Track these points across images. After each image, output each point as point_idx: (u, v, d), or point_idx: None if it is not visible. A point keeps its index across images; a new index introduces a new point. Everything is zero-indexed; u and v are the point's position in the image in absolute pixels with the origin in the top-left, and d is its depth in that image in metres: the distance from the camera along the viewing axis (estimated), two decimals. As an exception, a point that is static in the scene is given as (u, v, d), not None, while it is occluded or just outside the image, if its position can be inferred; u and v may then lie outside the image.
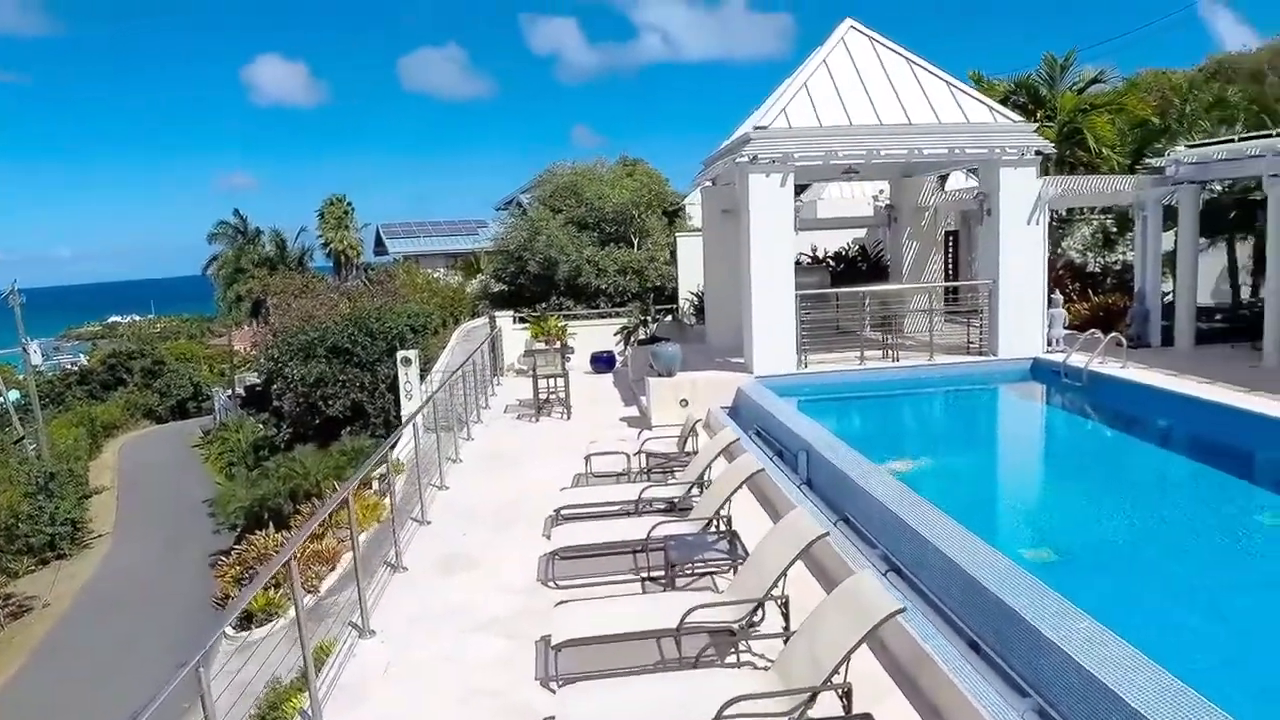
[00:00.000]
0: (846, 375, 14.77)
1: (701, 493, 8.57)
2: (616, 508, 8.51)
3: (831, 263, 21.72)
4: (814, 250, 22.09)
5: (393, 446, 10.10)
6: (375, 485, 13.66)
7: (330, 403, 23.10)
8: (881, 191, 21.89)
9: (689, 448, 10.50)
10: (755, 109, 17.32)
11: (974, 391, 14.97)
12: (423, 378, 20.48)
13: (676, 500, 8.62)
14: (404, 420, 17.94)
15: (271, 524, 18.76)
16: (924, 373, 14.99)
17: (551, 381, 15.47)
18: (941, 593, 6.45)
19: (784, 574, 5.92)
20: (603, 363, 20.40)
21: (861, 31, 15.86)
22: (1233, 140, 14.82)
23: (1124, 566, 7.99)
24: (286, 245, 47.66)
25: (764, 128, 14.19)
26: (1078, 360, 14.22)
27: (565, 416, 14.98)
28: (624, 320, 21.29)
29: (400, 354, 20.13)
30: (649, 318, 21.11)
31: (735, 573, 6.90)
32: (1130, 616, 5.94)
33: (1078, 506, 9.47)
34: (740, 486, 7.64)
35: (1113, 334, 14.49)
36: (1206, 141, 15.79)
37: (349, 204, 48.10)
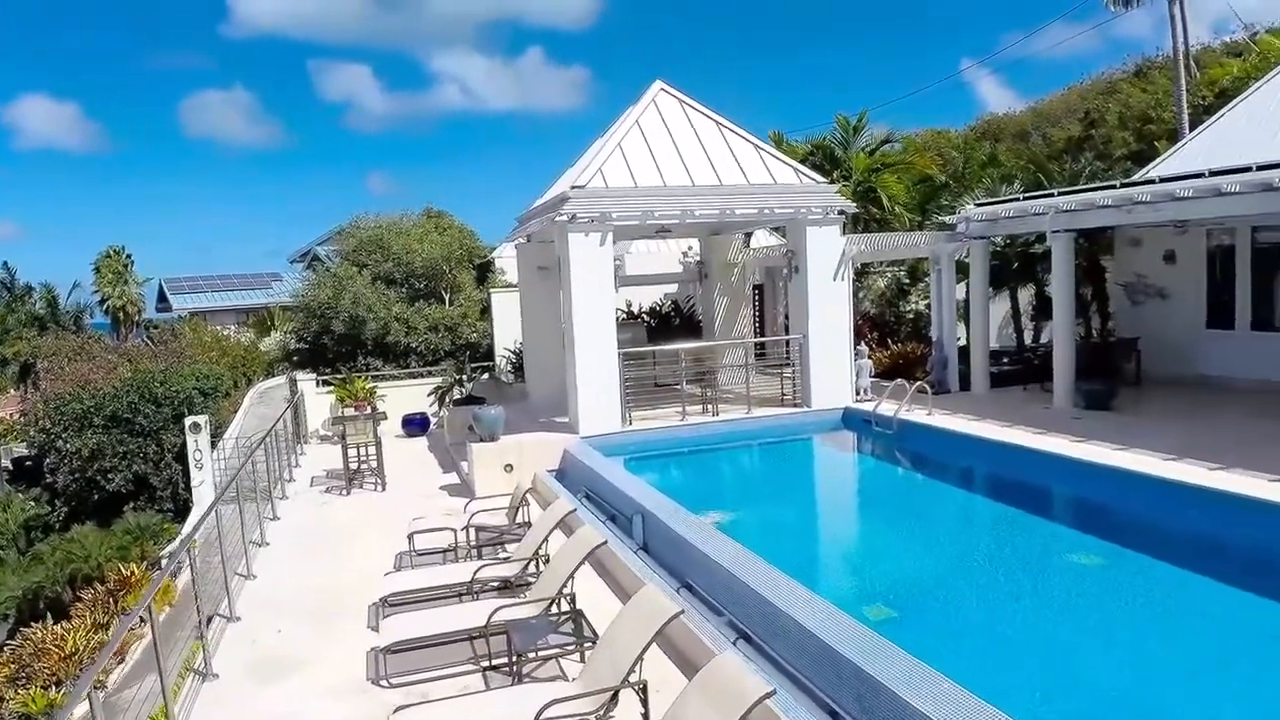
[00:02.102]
0: (670, 431, 14.75)
1: (539, 569, 8.15)
2: (448, 591, 7.95)
3: (646, 318, 21.88)
4: (628, 306, 22.22)
5: (194, 529, 9.08)
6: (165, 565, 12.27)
7: (111, 476, 20.88)
8: (691, 248, 22.33)
9: (521, 519, 10.04)
10: (569, 167, 17.31)
11: (792, 442, 15.30)
12: (214, 445, 18.94)
13: (513, 579, 8.15)
14: (198, 496, 16.50)
15: (49, 615, 16.67)
16: (744, 425, 15.20)
17: (363, 449, 14.57)
18: (796, 661, 6.31)
19: (640, 658, 5.61)
20: (416, 425, 19.56)
21: (671, 93, 16.16)
22: (1017, 199, 16.02)
23: (953, 612, 8.17)
24: (59, 302, 43.50)
25: (581, 187, 14.09)
26: (886, 408, 14.81)
27: (380, 488, 14.12)
28: (438, 380, 20.59)
29: (189, 420, 18.54)
30: (464, 376, 20.50)
31: (584, 658, 6.53)
32: (963, 662, 6.03)
33: (909, 557, 9.69)
34: (582, 563, 7.29)
35: (918, 382, 15.22)
36: (994, 200, 16.99)
37: (128, 256, 44.59)
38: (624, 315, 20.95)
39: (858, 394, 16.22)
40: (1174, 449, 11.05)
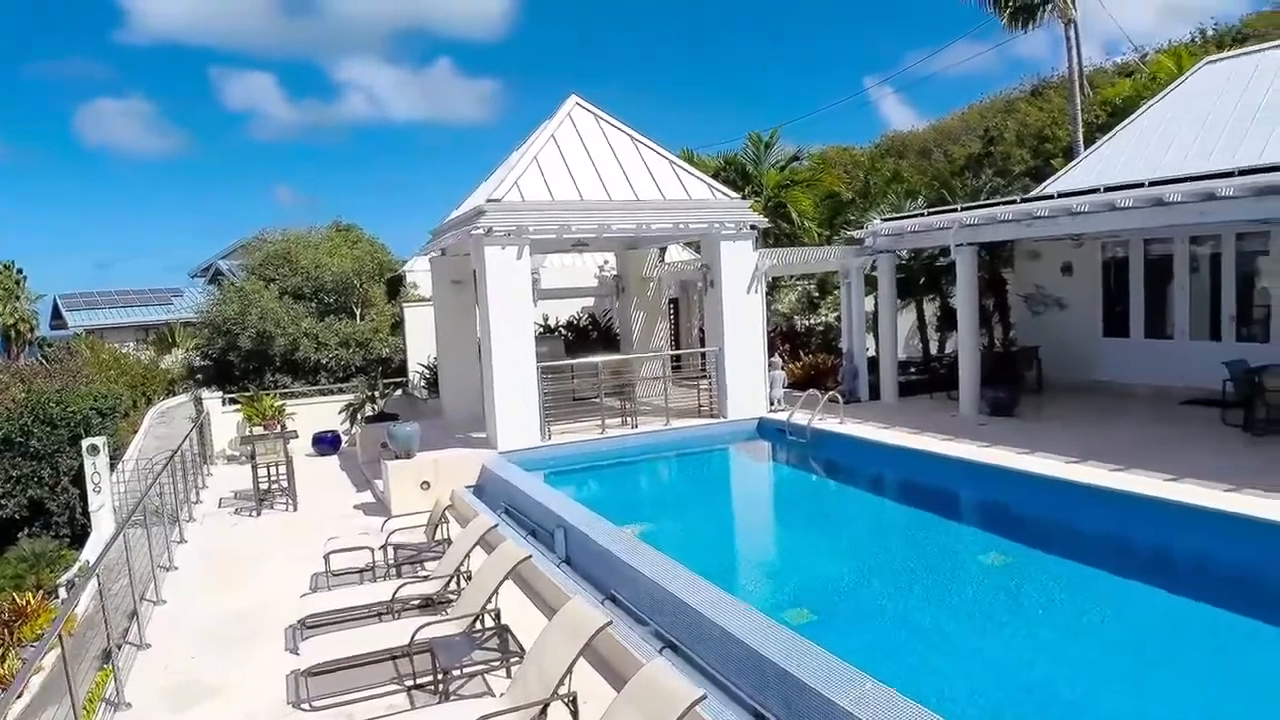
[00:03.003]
0: (590, 445, 14.76)
1: (461, 587, 8.07)
2: (368, 611, 7.81)
3: (564, 332, 21.87)
4: (545, 320, 22.18)
5: (101, 554, 8.69)
6: (63, 594, 11.73)
7: (3, 502, 19.91)
8: (607, 262, 22.41)
9: (440, 536, 9.92)
10: (484, 180, 17.23)
11: (710, 452, 15.50)
12: (113, 468, 18.19)
13: (434, 597, 8.04)
14: (97, 521, 15.81)
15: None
16: (663, 437, 15.31)
17: (273, 469, 14.19)
18: (722, 667, 6.38)
19: (569, 670, 5.60)
20: (327, 443, 19.13)
21: (586, 108, 16.23)
22: (922, 214, 16.51)
23: (871, 613, 8.35)
24: (-56, 322, 41.26)
25: (497, 200, 14.03)
26: (800, 418, 15.09)
27: (292, 508, 13.76)
28: (349, 397, 20.20)
29: (86, 442, 17.78)
30: (377, 393, 20.16)
31: (510, 673, 6.48)
32: (883, 660, 6.19)
33: (827, 561, 9.88)
34: (506, 578, 7.24)
35: (830, 392, 15.56)
36: (901, 215, 17.50)
37: (20, 272, 42.56)
38: (541, 329, 20.90)
39: (772, 404, 16.49)
40: (1076, 452, 11.54)
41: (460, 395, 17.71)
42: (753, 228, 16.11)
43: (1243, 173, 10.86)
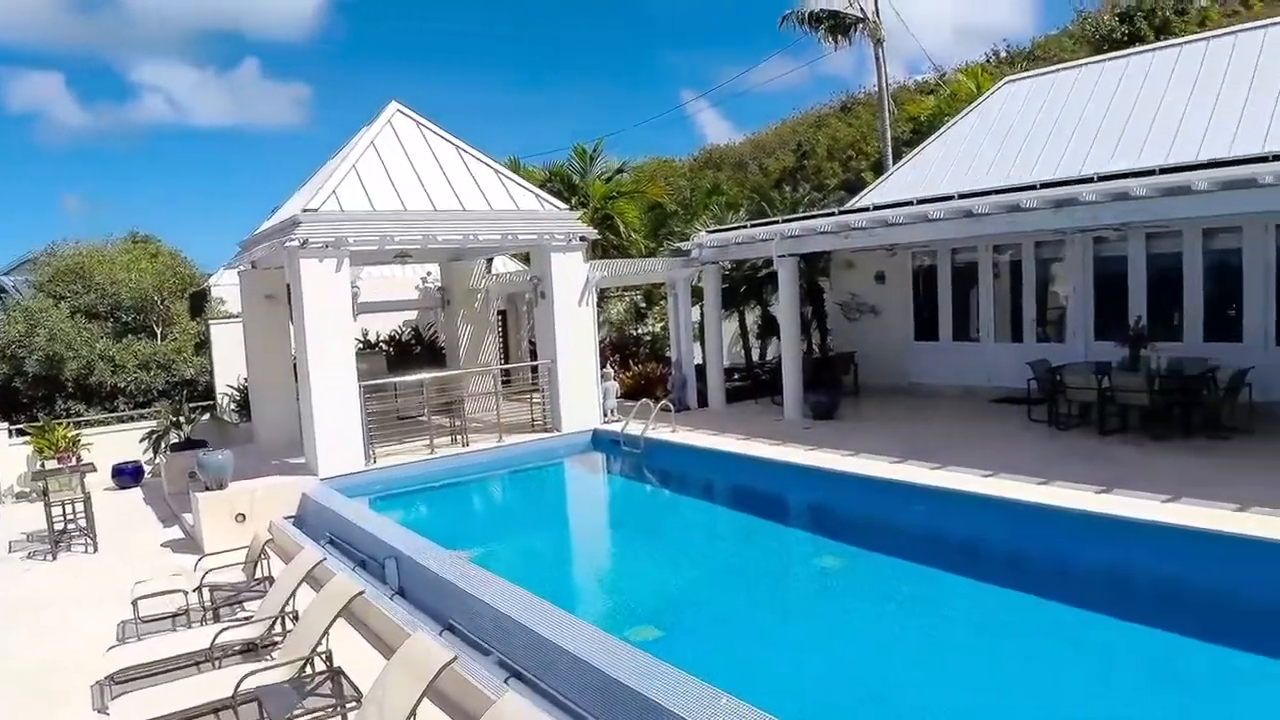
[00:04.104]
0: (419, 466, 14.18)
1: (287, 628, 7.53)
2: (186, 661, 7.14)
3: (385, 347, 21.12)
4: (365, 335, 21.35)
5: None
6: None
7: None
8: (430, 274, 21.81)
9: (261, 574, 9.25)
10: (298, 189, 16.41)
11: (546, 468, 15.26)
12: None
13: (258, 640, 7.45)
14: None
15: None
16: (496, 454, 14.96)
17: (69, 506, 12.94)
18: (572, 693, 6.19)
19: (414, 713, 5.28)
20: (128, 475, 17.65)
21: (408, 115, 15.71)
22: (745, 226, 16.91)
23: (716, 624, 8.38)
24: None
25: (314, 210, 13.33)
26: (634, 428, 15.12)
27: (92, 549, 12.56)
28: (152, 423, 18.74)
29: None
30: (182, 418, 18.78)
31: (346, 719, 6.07)
32: (732, 672, 6.19)
33: (670, 574, 9.86)
34: (337, 617, 6.79)
35: (662, 401, 15.68)
36: (726, 227, 17.88)
37: None
38: (361, 344, 20.08)
39: (605, 415, 16.46)
40: (898, 452, 12.08)
41: (275, 418, 16.78)
42: (583, 239, 16.04)
43: (1043, 186, 11.68)
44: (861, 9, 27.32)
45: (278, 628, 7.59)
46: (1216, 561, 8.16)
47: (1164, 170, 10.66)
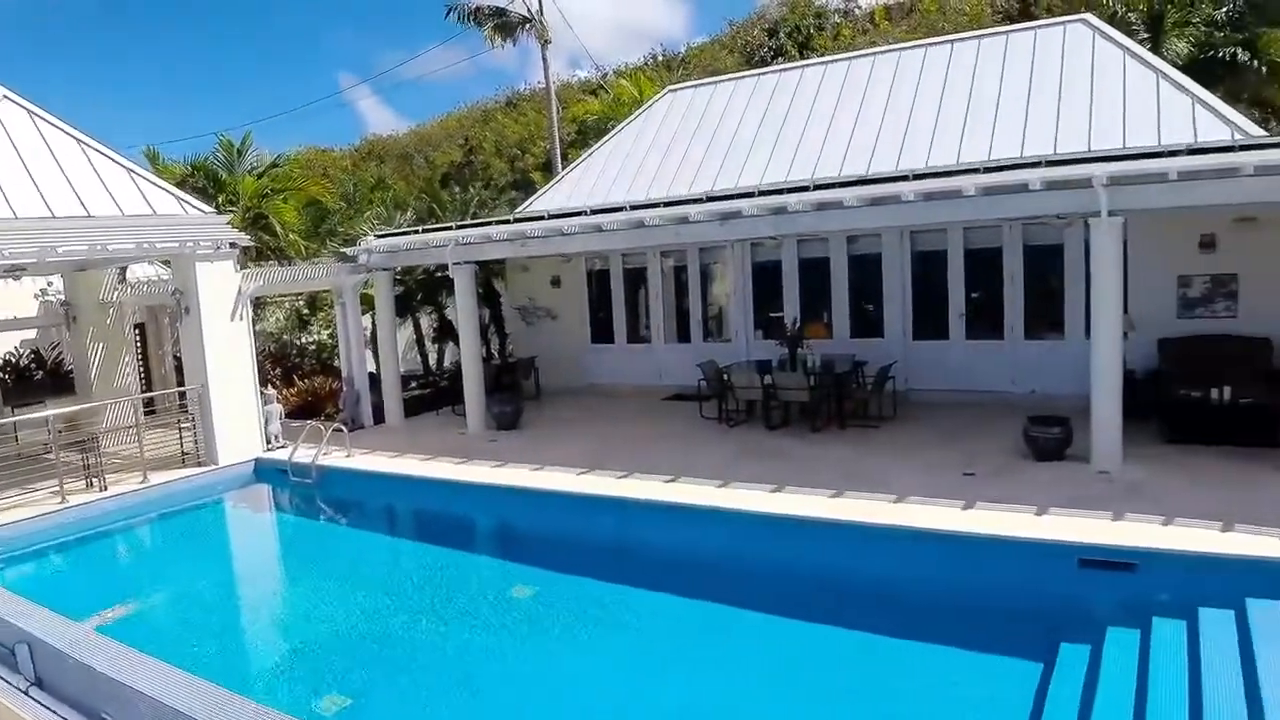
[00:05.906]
0: (46, 520, 11.96)
1: None
2: None
3: (-3, 375, 18.03)
4: (-33, 359, 18.07)
5: None
6: None
7: None
8: (50, 284, 18.87)
9: None
10: None
11: (202, 508, 13.43)
12: None
13: None
14: None
15: None
16: (141, 497, 13.08)
17: None
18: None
19: None
20: None
21: (17, 102, 13.35)
22: (418, 231, 16.18)
23: (411, 679, 7.74)
24: None
25: (-120, 222, 10.90)
26: (303, 455, 13.97)
27: None
28: None
29: None
30: None
31: None
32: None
33: (353, 626, 8.97)
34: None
35: (334, 424, 14.58)
36: (397, 231, 17.04)
37: None
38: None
39: (269, 442, 15.06)
40: (584, 461, 12.22)
41: None
42: (233, 245, 14.50)
43: (709, 198, 12.12)
44: (527, 8, 27.23)
45: None
46: (880, 554, 8.88)
47: (818, 186, 11.41)
